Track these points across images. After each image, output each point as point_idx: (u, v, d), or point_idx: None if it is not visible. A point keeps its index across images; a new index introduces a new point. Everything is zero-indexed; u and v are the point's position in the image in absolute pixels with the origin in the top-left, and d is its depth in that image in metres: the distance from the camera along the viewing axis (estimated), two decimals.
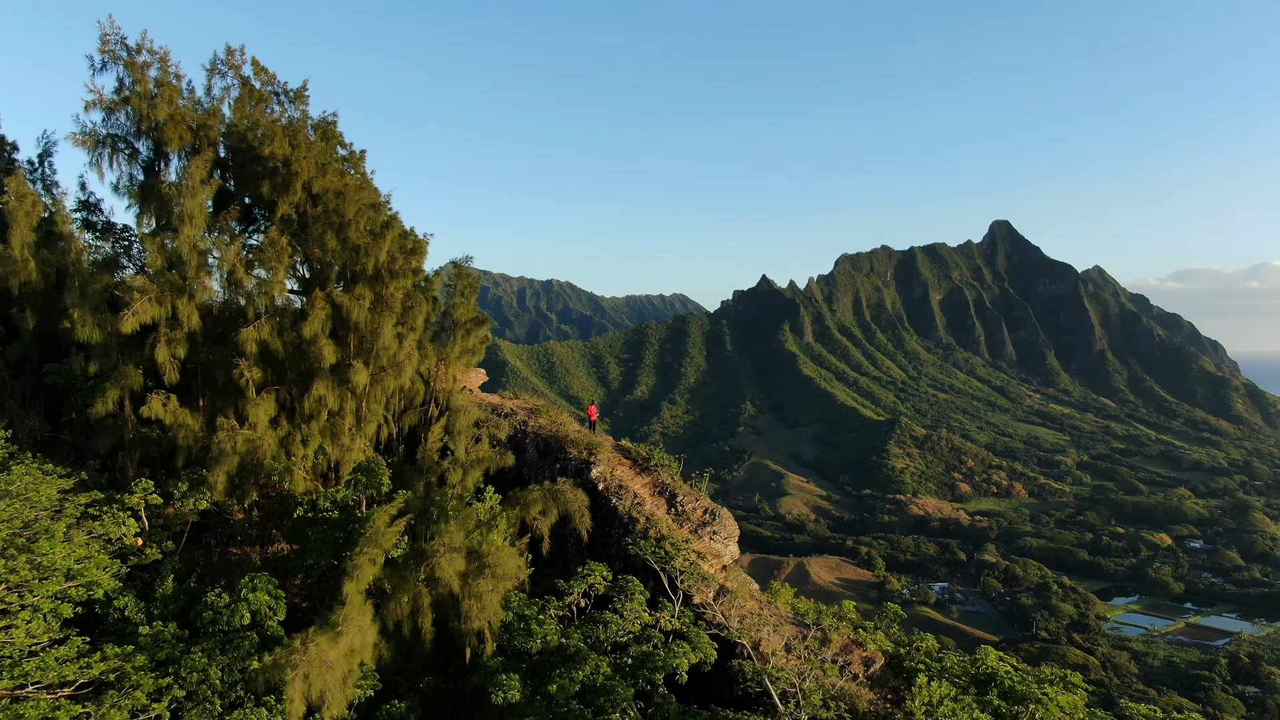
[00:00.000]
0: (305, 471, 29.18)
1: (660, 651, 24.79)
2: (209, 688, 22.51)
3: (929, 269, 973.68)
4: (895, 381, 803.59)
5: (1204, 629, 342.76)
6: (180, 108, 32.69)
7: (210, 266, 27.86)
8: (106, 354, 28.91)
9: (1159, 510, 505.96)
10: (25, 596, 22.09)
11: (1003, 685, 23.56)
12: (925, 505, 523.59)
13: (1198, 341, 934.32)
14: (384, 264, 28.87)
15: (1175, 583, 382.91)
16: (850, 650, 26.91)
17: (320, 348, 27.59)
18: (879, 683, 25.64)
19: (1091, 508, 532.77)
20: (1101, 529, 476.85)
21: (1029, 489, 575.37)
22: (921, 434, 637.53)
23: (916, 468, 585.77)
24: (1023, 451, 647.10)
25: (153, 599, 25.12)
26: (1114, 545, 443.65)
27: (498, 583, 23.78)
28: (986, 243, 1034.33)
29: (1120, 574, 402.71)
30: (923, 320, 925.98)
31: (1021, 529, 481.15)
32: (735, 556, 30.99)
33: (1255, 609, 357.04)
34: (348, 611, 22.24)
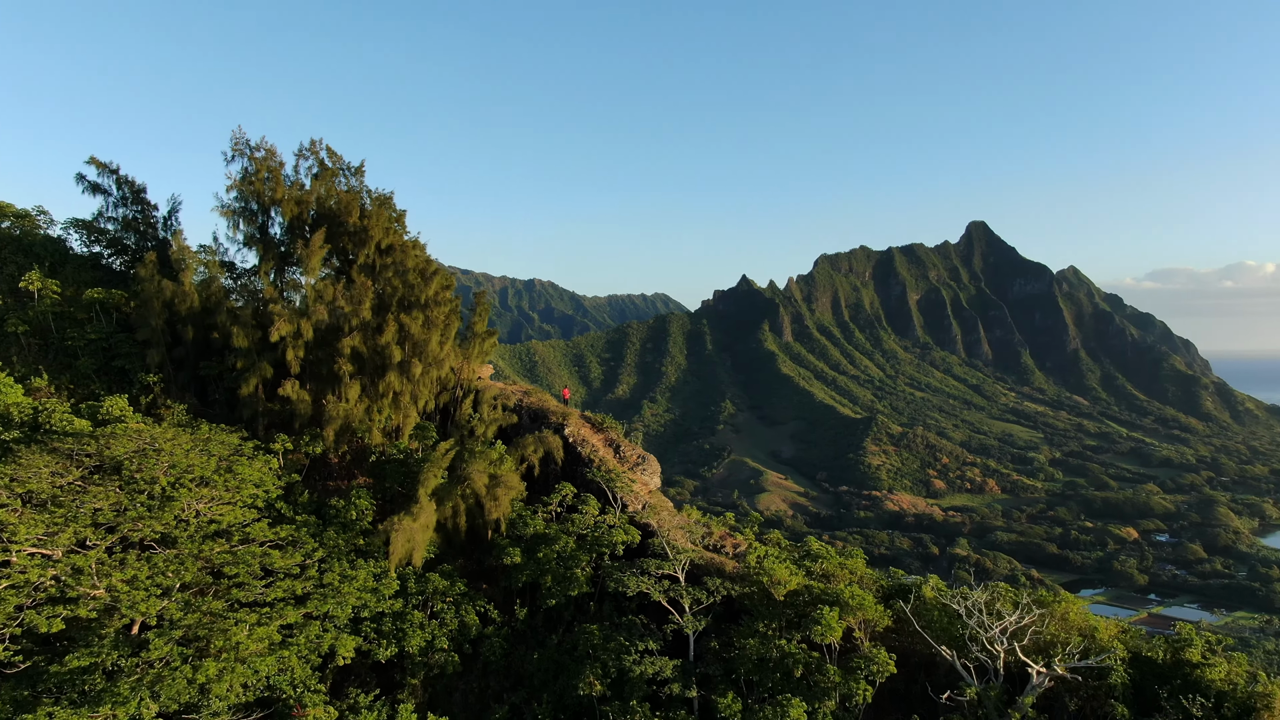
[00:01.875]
0: (379, 431, 45.46)
1: (606, 535, 41.28)
2: (338, 550, 38.81)
3: (907, 269, 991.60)
4: (873, 380, 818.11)
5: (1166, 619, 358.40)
6: (286, 186, 48.98)
7: (321, 298, 43.85)
8: (249, 355, 44.97)
9: (1127, 505, 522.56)
10: (234, 496, 38.30)
11: (810, 551, 40.25)
12: (900, 501, 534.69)
13: (1170, 341, 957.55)
14: (431, 297, 45.00)
15: (1140, 575, 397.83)
16: (726, 539, 43.67)
17: (391, 351, 43.58)
18: (741, 557, 42.23)
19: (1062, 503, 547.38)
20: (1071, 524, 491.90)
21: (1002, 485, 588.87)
22: (898, 432, 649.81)
23: (892, 465, 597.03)
24: (997, 449, 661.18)
25: (296, 503, 41.21)
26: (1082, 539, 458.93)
27: (507, 491, 40.18)
28: (963, 243, 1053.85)
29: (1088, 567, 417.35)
30: (900, 320, 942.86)
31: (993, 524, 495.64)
32: (658, 485, 47.58)
33: (1216, 599, 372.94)
34: (420, 505, 38.33)
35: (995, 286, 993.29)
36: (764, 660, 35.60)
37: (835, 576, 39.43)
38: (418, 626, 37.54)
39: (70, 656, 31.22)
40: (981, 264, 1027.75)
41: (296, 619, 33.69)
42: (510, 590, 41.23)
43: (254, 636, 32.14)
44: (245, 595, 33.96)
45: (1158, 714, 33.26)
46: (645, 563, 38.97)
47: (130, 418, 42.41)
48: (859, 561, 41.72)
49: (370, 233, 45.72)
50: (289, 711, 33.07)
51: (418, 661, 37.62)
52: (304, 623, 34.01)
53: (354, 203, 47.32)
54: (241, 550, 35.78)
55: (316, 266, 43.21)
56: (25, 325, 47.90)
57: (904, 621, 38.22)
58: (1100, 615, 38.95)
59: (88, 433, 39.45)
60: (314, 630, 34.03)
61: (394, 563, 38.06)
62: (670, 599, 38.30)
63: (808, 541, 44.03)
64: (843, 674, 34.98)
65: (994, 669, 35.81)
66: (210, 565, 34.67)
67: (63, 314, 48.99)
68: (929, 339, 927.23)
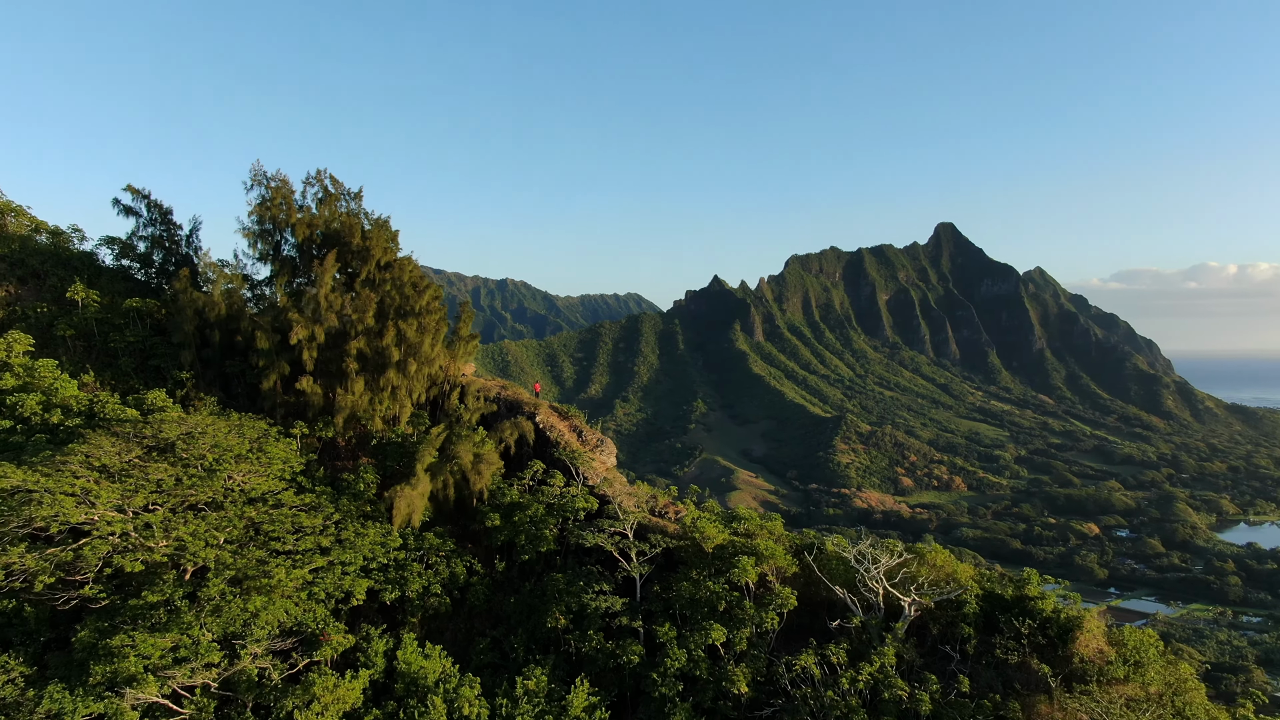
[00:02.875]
0: (380, 419, 54.44)
1: (569, 503, 50.65)
2: (350, 513, 47.90)
3: (876, 270, 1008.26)
4: (843, 379, 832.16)
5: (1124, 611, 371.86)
6: (297, 211, 57.89)
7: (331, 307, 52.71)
8: (270, 355, 53.83)
9: (1089, 502, 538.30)
10: (266, 470, 47.22)
11: (737, 514, 49.97)
12: (869, 498, 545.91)
13: (1133, 341, 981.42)
14: (423, 306, 53.99)
15: (1100, 569, 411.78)
16: (669, 507, 53.41)
17: (390, 352, 52.46)
18: (680, 520, 51.90)
19: (1027, 500, 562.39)
20: (1035, 520, 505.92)
21: (968, 482, 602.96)
22: (867, 430, 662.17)
23: (861, 463, 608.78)
24: (964, 447, 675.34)
25: (314, 477, 50.18)
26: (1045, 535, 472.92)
27: (488, 467, 49.44)
28: (932, 244, 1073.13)
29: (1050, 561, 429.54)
30: (870, 320, 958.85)
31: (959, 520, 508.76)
32: (614, 464, 57.09)
33: (1172, 592, 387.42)
34: (417, 477, 47.43)
35: (963, 287, 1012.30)
36: (695, 598, 45.20)
37: (755, 534, 49.10)
38: (416, 575, 46.80)
39: (145, 592, 40.10)
40: (950, 265, 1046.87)
41: (322, 564, 42.84)
42: (491, 548, 50.68)
43: (290, 577, 41.27)
44: (280, 546, 43.06)
45: (997, 634, 43.28)
46: (601, 523, 48.52)
47: (170, 408, 51.23)
48: (777, 524, 51.53)
49: (372, 251, 54.72)
50: (316, 639, 42.08)
51: (416, 604, 46.86)
52: (328, 567, 43.16)
53: (356, 225, 56.32)
54: (275, 512, 44.88)
55: (329, 282, 52.10)
56: (71, 329, 56.44)
57: (809, 569, 47.97)
58: (967, 565, 48.49)
59: (139, 419, 48.28)
60: (336, 573, 43.22)
61: (397, 523, 47.34)
62: (620, 551, 47.84)
63: (735, 508, 53.70)
64: (756, 608, 44.67)
65: (877, 604, 45.70)
66: (251, 523, 43.71)
67: (103, 320, 57.56)
68: (898, 339, 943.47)
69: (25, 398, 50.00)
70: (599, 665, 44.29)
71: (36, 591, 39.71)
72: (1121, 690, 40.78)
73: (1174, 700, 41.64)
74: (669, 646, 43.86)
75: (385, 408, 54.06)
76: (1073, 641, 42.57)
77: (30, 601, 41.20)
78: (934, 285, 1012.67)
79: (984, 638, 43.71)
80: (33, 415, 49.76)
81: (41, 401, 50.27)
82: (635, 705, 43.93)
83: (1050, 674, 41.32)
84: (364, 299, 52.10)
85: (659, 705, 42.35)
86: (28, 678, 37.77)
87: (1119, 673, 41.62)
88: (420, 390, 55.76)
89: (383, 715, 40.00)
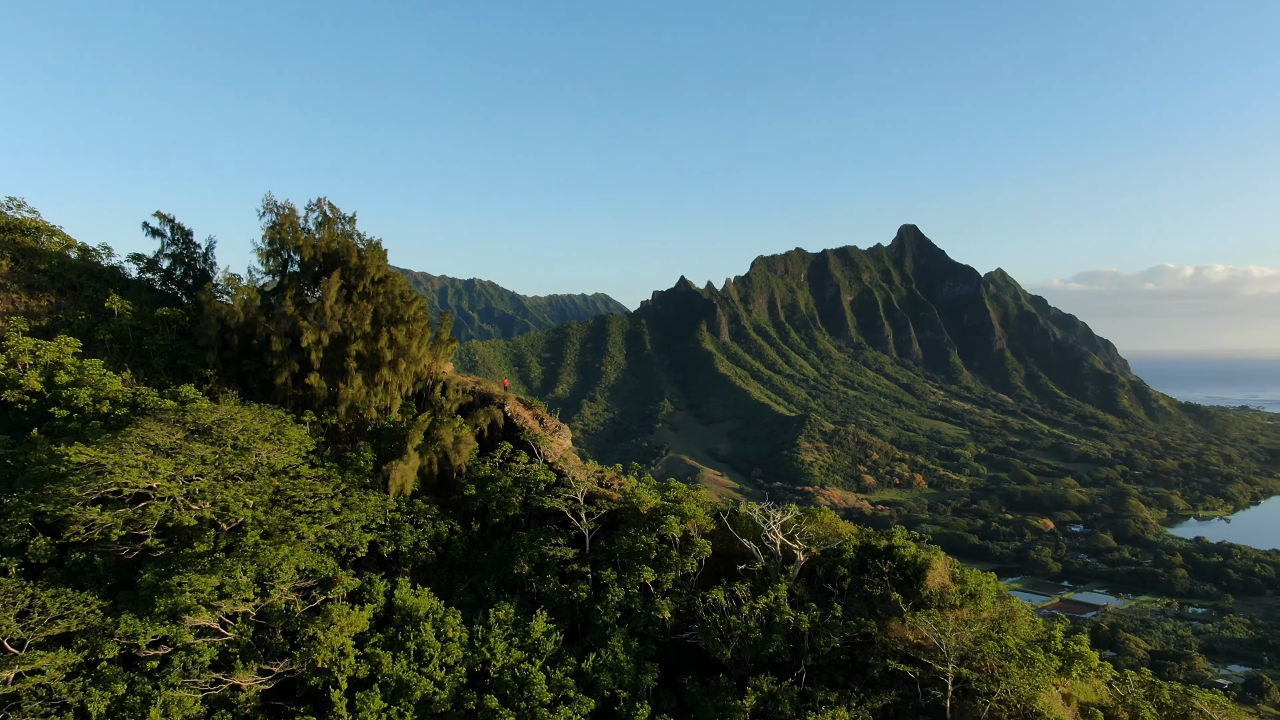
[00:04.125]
0: (375, 409, 66.08)
1: (532, 476, 62.77)
2: (354, 483, 59.62)
3: (841, 271, 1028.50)
4: (807, 379, 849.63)
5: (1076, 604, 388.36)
6: (302, 234, 69.35)
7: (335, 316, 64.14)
8: (283, 356, 65.31)
9: (1046, 498, 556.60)
10: (286, 448, 58.74)
11: (670, 485, 62.44)
12: (832, 496, 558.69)
13: (1090, 341, 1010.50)
14: (411, 315, 65.66)
15: (1054, 563, 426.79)
16: (614, 480, 65.94)
17: (384, 353, 64.02)
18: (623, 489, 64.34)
19: (985, 497, 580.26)
20: (993, 516, 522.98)
21: (929, 480, 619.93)
22: (831, 429, 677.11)
23: (825, 461, 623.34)
24: (925, 445, 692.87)
25: (322, 456, 61.75)
26: (1002, 530, 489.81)
27: (466, 447, 61.36)
28: (895, 246, 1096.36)
29: (1006, 556, 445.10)
30: (834, 320, 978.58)
31: (920, 517, 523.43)
32: (569, 445, 69.33)
33: (1122, 585, 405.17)
34: (408, 455, 59.20)
35: (925, 288, 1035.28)
36: (632, 549, 57.50)
37: (683, 500, 61.54)
38: (408, 533, 58.60)
39: (196, 543, 51.58)
40: (913, 266, 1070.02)
41: (335, 521, 54.62)
42: (468, 512, 62.62)
43: (311, 530, 53.00)
44: (302, 507, 54.73)
45: (866, 574, 56.04)
46: (558, 490, 60.69)
47: (200, 399, 62.58)
48: (703, 493, 64.05)
49: (368, 269, 66.40)
50: (331, 581, 53.69)
51: (408, 556, 58.69)
52: (339, 524, 54.92)
53: (352, 246, 67.97)
54: (295, 482, 56.61)
55: (334, 294, 63.66)
56: (110, 334, 67.51)
57: (725, 527, 60.54)
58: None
59: (177, 408, 59.58)
60: (345, 529, 55.00)
61: (392, 492, 59.15)
62: (573, 513, 60.03)
63: (669, 481, 66.19)
64: (680, 556, 57.17)
65: (776, 553, 58.35)
66: (277, 490, 55.33)
67: (136, 326, 68.68)
68: (862, 339, 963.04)
69: (78, 391, 61.14)
70: (555, 601, 56.47)
71: (110, 541, 50.96)
72: (958, 614, 53.69)
73: (1001, 624, 54.75)
74: (610, 586, 56.15)
75: (380, 399, 65.69)
76: (924, 579, 55.45)
77: (99, 553, 52.36)
78: (897, 286, 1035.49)
79: (857, 577, 56.52)
80: (85, 406, 60.92)
81: (91, 395, 61.40)
82: (584, 632, 56.23)
83: (903, 602, 54.20)
84: (362, 309, 63.74)
85: (602, 630, 54.71)
86: (105, 609, 48.97)
87: (956, 601, 54.59)
88: (408, 385, 67.53)
89: (385, 637, 51.82)
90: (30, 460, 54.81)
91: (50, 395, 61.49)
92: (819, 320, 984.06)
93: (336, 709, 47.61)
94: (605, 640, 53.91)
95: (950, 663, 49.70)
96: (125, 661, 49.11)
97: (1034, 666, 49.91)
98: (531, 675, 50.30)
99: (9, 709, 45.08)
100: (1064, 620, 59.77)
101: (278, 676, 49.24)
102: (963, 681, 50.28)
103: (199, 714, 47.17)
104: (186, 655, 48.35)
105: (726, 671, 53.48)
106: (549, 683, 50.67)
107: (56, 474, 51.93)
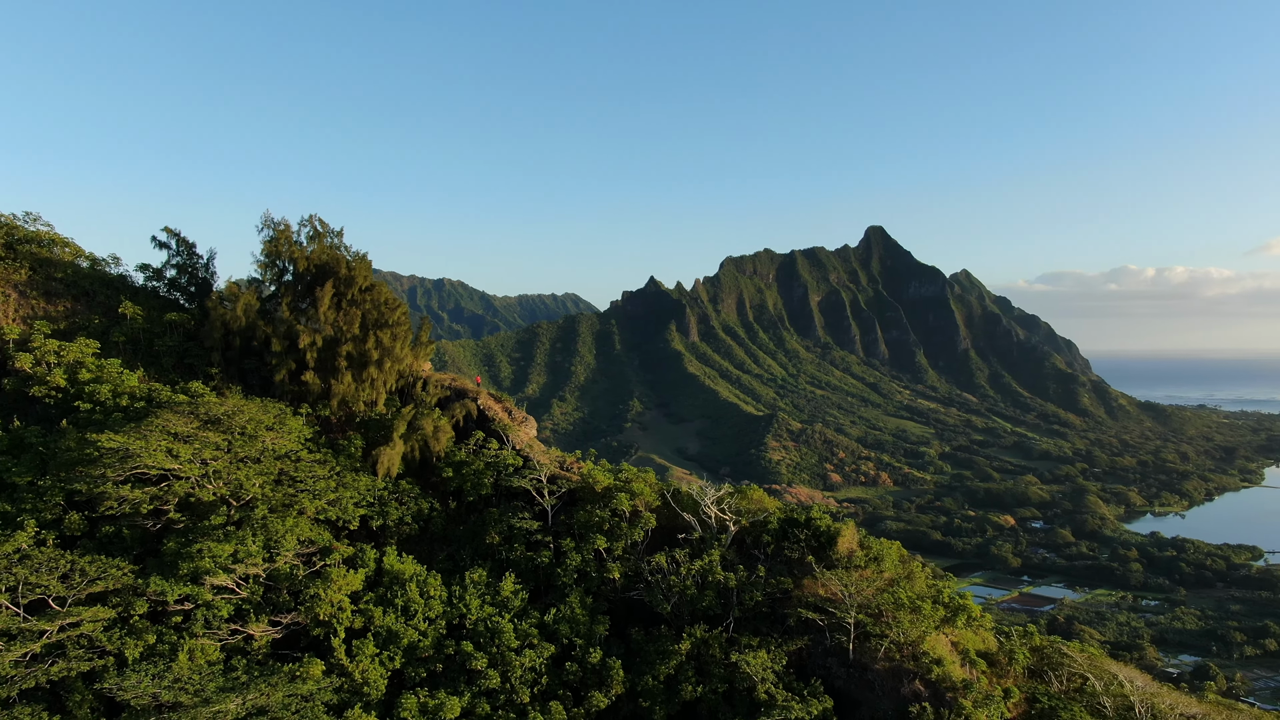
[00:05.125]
0: (363, 402, 75.52)
1: (502, 460, 72.59)
2: (346, 466, 69.10)
3: (809, 271, 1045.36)
4: (775, 379, 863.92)
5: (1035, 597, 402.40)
6: (296, 248, 78.54)
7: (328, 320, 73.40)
8: (281, 355, 74.49)
9: (1008, 495, 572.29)
10: (288, 436, 68.03)
11: (622, 468, 72.55)
12: (799, 494, 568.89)
13: (1053, 341, 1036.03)
14: (395, 319, 75.08)
15: (1014, 558, 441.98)
16: (574, 464, 76.16)
17: (371, 353, 73.38)
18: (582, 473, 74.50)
19: (949, 494, 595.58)
20: (955, 513, 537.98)
21: (894, 478, 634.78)
22: (798, 428, 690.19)
23: (792, 459, 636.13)
24: (891, 444, 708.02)
25: (318, 444, 71.11)
26: (964, 527, 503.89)
27: (444, 435, 71.08)
28: (862, 247, 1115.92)
29: (968, 552, 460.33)
30: (802, 320, 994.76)
31: (884, 514, 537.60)
32: (534, 434, 79.33)
33: (1080, 579, 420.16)
34: (394, 442, 68.71)
35: (892, 289, 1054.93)
36: (588, 521, 67.53)
37: (634, 480, 71.71)
38: (394, 509, 68.19)
39: (212, 517, 60.78)
40: (879, 267, 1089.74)
41: (332, 498, 64.10)
42: (446, 492, 72.32)
43: (312, 505, 62.47)
44: (303, 486, 64.15)
45: (786, 540, 66.51)
46: (524, 472, 70.60)
47: (208, 394, 71.59)
48: (650, 475, 74.25)
49: (356, 279, 75.74)
50: (329, 549, 63.09)
51: (393, 529, 68.28)
52: (336, 500, 64.39)
53: (341, 258, 77.29)
54: (297, 464, 66.01)
55: (327, 301, 72.96)
56: (123, 336, 76.23)
57: (668, 503, 70.77)
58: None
59: (189, 402, 68.57)
60: (342, 504, 64.49)
61: (380, 474, 68.72)
62: (537, 491, 69.99)
63: (622, 465, 76.37)
64: (629, 527, 67.33)
65: (711, 524, 68.69)
66: (282, 471, 64.68)
67: (146, 329, 77.42)
68: (829, 339, 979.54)
69: (99, 387, 69.92)
70: (521, 566, 66.42)
71: (138, 515, 60.03)
72: (862, 573, 64.29)
73: (900, 582, 65.50)
74: (569, 553, 66.23)
75: (367, 394, 75.08)
76: (835, 545, 66.10)
77: (126, 526, 61.35)
78: (864, 287, 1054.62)
79: (779, 544, 67.06)
80: (106, 400, 69.71)
81: (111, 390, 70.18)
82: (547, 591, 66.28)
83: (817, 563, 64.74)
84: (351, 314, 73.17)
85: (561, 590, 64.82)
86: (135, 573, 58.03)
87: (862, 563, 65.31)
88: (393, 381, 77.02)
89: (375, 596, 61.45)
90: (60, 447, 63.53)
91: (74, 391, 70.12)
92: (787, 320, 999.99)
93: (336, 654, 57.20)
94: (564, 598, 63.89)
95: (852, 612, 60.23)
96: (153, 617, 58.08)
97: (921, 614, 60.65)
98: (501, 626, 60.21)
99: (57, 655, 54.08)
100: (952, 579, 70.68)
101: (285, 627, 58.67)
102: (862, 627, 60.94)
103: (219, 659, 56.39)
104: (207, 610, 57.48)
105: (667, 623, 63.71)
106: (516, 632, 60.63)
107: (90, 458, 60.68)
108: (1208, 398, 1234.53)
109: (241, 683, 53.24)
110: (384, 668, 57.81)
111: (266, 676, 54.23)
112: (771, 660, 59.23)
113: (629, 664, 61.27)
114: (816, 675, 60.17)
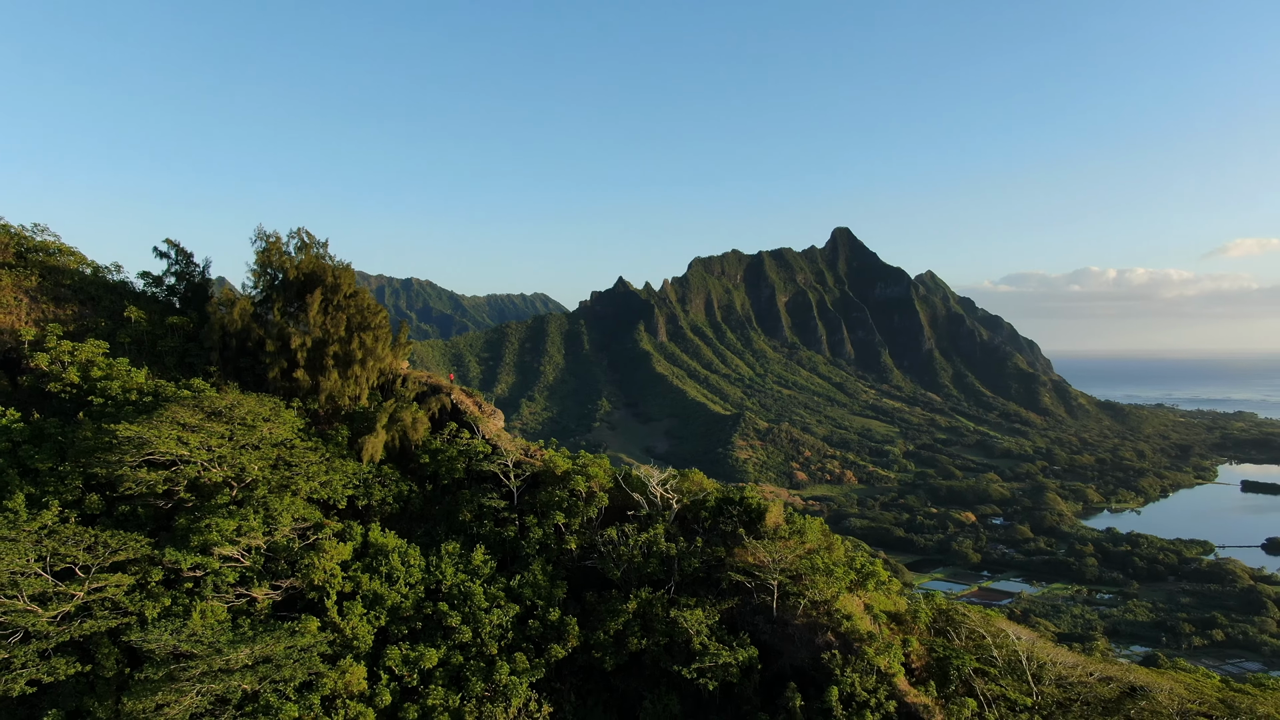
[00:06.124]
0: (348, 397, 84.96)
1: (473, 448, 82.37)
2: (335, 453, 78.55)
3: (776, 272, 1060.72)
4: (743, 379, 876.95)
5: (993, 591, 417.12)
6: (286, 258, 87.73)
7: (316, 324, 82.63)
8: (274, 355, 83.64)
9: (969, 493, 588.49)
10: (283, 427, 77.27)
11: (580, 454, 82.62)
12: (764, 492, 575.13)
13: (1015, 341, 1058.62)
14: (377, 323, 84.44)
15: (974, 554, 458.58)
16: (538, 451, 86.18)
17: (356, 353, 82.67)
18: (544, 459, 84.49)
19: (912, 491, 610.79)
20: (918, 510, 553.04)
21: (859, 476, 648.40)
22: (765, 427, 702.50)
23: (759, 458, 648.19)
24: (856, 442, 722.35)
25: (308, 433, 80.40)
26: (927, 524, 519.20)
27: (421, 425, 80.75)
28: (829, 248, 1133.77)
29: (930, 548, 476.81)
30: (770, 321, 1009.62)
31: (849, 511, 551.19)
32: (502, 425, 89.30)
33: (1037, 573, 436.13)
34: (377, 431, 78.24)
35: (858, 290, 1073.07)
36: (549, 500, 77.58)
37: (590, 465, 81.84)
38: (378, 490, 77.75)
39: (218, 496, 69.99)
40: (845, 268, 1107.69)
41: (324, 479, 73.56)
42: (423, 476, 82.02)
43: (306, 486, 71.91)
44: (298, 470, 73.52)
45: (721, 516, 76.95)
46: (493, 458, 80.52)
47: (208, 390, 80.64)
48: (605, 461, 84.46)
49: (341, 286, 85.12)
50: (321, 525, 72.50)
51: (377, 509, 77.85)
52: (327, 482, 73.87)
53: (327, 267, 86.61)
54: (292, 451, 75.33)
55: (316, 307, 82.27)
56: (129, 338, 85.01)
57: (620, 484, 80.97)
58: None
59: (192, 396, 77.60)
60: (332, 486, 73.98)
61: (365, 460, 78.27)
62: (504, 474, 79.95)
63: (580, 452, 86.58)
64: (585, 505, 77.48)
65: (657, 502, 79.00)
66: (279, 457, 74.00)
67: (149, 331, 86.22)
68: (796, 339, 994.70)
69: (110, 384, 78.75)
70: (490, 540, 76.37)
71: (153, 495, 69.11)
72: (786, 544, 74.90)
73: (821, 551, 76.18)
74: (532, 528, 76.35)
75: (352, 390, 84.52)
76: (764, 520, 76.72)
77: (141, 505, 70.39)
78: (830, 288, 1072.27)
79: (715, 519, 77.59)
80: (117, 395, 78.55)
81: (121, 386, 79.05)
82: (512, 561, 76.34)
83: (748, 535, 75.24)
84: (338, 318, 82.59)
85: (525, 560, 74.94)
86: (151, 545, 67.15)
87: (786, 535, 75.98)
88: (374, 378, 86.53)
89: (362, 564, 71.06)
90: (78, 436, 72.32)
91: (87, 387, 78.82)
92: (755, 320, 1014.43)
93: (330, 613, 66.83)
94: (528, 566, 73.95)
95: (775, 575, 70.76)
96: (168, 583, 67.14)
97: (833, 577, 71.40)
98: (473, 590, 70.14)
99: (85, 616, 63.05)
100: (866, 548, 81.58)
101: (285, 591, 68.12)
102: (784, 589, 71.55)
103: (226, 618, 65.68)
104: (216, 577, 66.72)
105: (617, 587, 73.96)
106: (485, 595, 70.60)
107: (108, 445, 69.57)
108: (1166, 397, 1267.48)
109: (249, 636, 62.56)
110: (371, 625, 67.50)
111: (270, 631, 63.68)
112: (706, 617, 69.63)
113: (584, 621, 71.44)
114: (744, 629, 70.62)
